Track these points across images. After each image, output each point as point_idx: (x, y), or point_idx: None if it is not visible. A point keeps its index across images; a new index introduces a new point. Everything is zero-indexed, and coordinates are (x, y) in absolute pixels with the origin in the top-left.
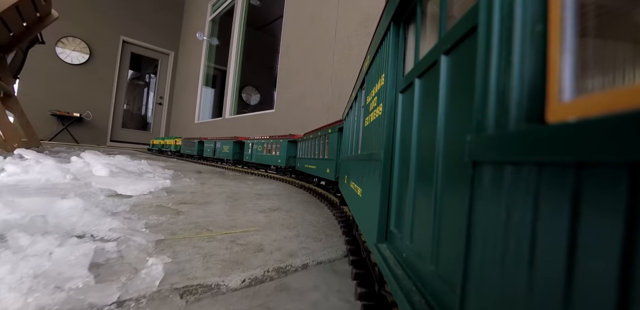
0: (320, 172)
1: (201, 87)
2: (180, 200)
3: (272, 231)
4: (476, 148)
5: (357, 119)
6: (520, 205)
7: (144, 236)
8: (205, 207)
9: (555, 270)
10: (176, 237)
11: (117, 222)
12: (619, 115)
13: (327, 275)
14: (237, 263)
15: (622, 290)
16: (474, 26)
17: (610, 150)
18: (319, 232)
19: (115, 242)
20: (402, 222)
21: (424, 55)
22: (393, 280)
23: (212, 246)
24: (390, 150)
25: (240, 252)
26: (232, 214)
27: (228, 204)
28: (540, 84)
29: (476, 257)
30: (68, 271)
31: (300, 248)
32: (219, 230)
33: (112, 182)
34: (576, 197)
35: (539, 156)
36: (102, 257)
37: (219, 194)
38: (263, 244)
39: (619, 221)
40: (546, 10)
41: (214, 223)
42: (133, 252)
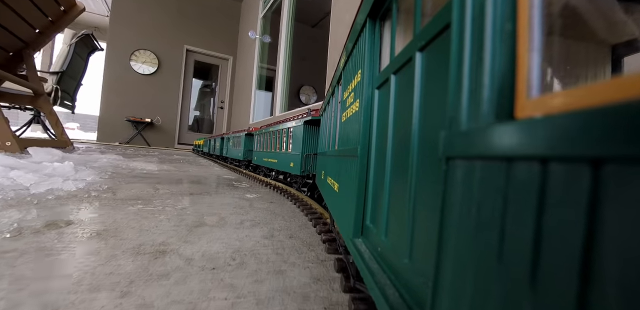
0: (282, 166)
1: (255, 87)
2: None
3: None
4: (449, 144)
5: (334, 114)
6: (490, 200)
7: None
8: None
9: (523, 262)
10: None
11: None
12: (581, 112)
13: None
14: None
15: (582, 279)
16: (447, 24)
17: (573, 146)
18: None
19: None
20: (377, 217)
21: (400, 51)
22: (368, 274)
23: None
24: (367, 146)
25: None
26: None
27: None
28: (510, 81)
29: (449, 250)
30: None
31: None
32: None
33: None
34: (542, 191)
35: (508, 151)
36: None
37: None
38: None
39: (580, 214)
40: (515, 10)
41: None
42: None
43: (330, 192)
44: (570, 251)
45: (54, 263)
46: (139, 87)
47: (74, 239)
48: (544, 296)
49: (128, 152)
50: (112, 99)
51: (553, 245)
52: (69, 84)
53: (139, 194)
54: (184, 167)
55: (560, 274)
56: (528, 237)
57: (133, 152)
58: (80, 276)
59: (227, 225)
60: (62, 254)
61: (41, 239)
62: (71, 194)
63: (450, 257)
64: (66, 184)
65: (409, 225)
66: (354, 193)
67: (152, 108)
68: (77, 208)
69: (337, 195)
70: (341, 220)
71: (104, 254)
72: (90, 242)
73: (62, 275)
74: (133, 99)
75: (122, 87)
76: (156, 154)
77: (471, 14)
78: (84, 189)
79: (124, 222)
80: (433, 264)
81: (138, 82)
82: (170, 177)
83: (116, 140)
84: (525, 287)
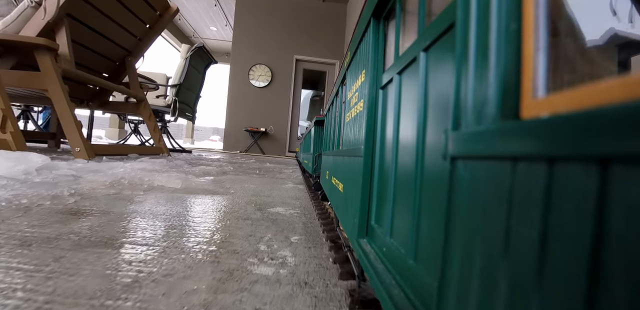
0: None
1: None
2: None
3: None
4: (454, 144)
5: (338, 114)
6: (496, 200)
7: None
8: None
9: (529, 262)
10: None
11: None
12: (588, 111)
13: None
14: None
15: (590, 280)
16: (452, 23)
17: (580, 145)
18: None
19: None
20: (382, 217)
21: (404, 51)
22: (373, 274)
23: None
24: (371, 146)
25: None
26: None
27: None
28: (515, 81)
29: (454, 251)
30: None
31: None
32: None
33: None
34: (549, 190)
35: (514, 151)
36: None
37: None
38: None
39: (588, 214)
40: (520, 9)
41: None
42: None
43: (335, 192)
44: (578, 251)
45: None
46: (255, 99)
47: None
48: (551, 297)
49: (214, 164)
50: (235, 111)
51: (560, 246)
52: (187, 95)
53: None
54: (240, 184)
55: (568, 275)
56: (535, 238)
57: (225, 160)
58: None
59: None
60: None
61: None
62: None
63: (456, 258)
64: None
65: (413, 225)
66: (359, 193)
67: (266, 118)
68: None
69: (342, 195)
70: (346, 220)
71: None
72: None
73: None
74: (250, 110)
75: (242, 101)
76: (244, 162)
77: (476, 13)
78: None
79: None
80: (439, 265)
81: (254, 95)
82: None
83: (237, 149)
84: (532, 288)
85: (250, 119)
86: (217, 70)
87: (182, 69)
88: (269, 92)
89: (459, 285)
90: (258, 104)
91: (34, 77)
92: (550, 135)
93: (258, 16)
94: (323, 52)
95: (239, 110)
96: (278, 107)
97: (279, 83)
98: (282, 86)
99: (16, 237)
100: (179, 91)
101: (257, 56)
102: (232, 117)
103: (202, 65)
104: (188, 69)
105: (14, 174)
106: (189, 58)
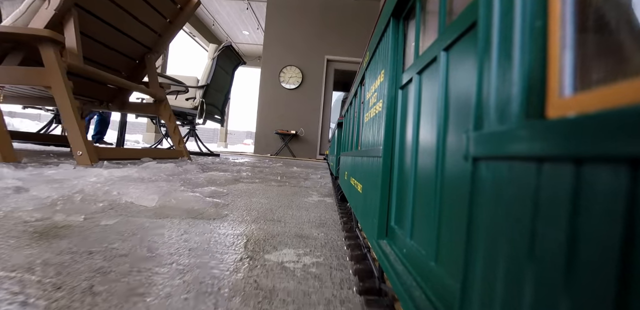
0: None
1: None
2: None
3: None
4: (476, 144)
5: (356, 115)
6: (520, 201)
7: None
8: None
9: (556, 265)
10: None
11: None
12: (618, 110)
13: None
14: None
15: (621, 285)
16: (474, 22)
17: (610, 145)
18: None
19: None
20: (402, 218)
21: (424, 51)
22: (394, 275)
23: None
24: (390, 146)
25: None
26: None
27: None
28: (540, 79)
29: (477, 252)
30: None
31: None
32: None
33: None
34: (576, 192)
35: (539, 152)
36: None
37: None
38: None
39: (618, 216)
40: (546, 6)
41: None
42: None
43: (354, 193)
44: (607, 254)
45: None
46: (285, 101)
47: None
48: (579, 301)
49: (233, 168)
50: (266, 114)
51: (589, 249)
52: (215, 97)
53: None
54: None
55: (597, 279)
56: (562, 240)
57: (249, 164)
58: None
59: None
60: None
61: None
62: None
63: (479, 260)
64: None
65: (434, 226)
66: (378, 194)
67: (297, 120)
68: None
69: (361, 196)
70: (365, 221)
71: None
72: None
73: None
74: (281, 113)
75: (273, 103)
76: (269, 165)
77: (499, 11)
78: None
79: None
80: (461, 266)
81: (285, 97)
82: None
83: (268, 152)
84: (559, 292)
85: (280, 122)
86: (250, 74)
87: (210, 70)
88: (299, 94)
89: (483, 287)
90: (288, 106)
91: (37, 73)
92: (578, 135)
93: (288, 17)
94: (354, 51)
95: (269, 113)
96: (309, 109)
97: (310, 84)
98: (313, 87)
99: None
100: (206, 93)
101: (288, 57)
102: (263, 120)
103: (230, 66)
104: (215, 69)
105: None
106: (216, 58)
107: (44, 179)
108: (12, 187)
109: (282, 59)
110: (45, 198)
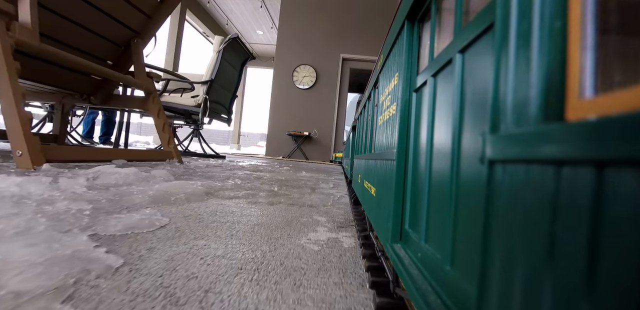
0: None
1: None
2: None
3: None
4: (492, 147)
5: (370, 118)
6: (538, 204)
7: None
8: None
9: (576, 271)
10: None
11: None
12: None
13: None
14: None
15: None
16: (491, 23)
17: (632, 148)
18: None
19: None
20: (416, 222)
21: (439, 53)
22: (408, 279)
23: None
24: (405, 149)
25: None
26: None
27: None
28: (559, 81)
29: (493, 257)
30: None
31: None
32: None
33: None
34: (597, 196)
35: (558, 155)
36: None
37: None
38: None
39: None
40: (566, 6)
41: None
42: None
43: (367, 196)
44: (629, 259)
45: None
46: (298, 101)
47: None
48: (600, 307)
49: (224, 174)
50: (278, 115)
51: (610, 253)
52: (220, 94)
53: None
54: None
55: (619, 284)
56: (582, 245)
57: (251, 168)
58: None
59: None
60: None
61: None
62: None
63: (496, 264)
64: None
65: (449, 230)
66: (392, 197)
67: (310, 121)
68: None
69: (374, 199)
70: (379, 224)
71: None
72: None
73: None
74: (294, 113)
75: (285, 103)
76: (274, 169)
77: (517, 12)
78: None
79: None
80: (477, 271)
81: (298, 97)
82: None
83: (280, 154)
84: (579, 298)
85: (293, 123)
86: (264, 75)
87: (214, 64)
88: (313, 94)
89: (499, 292)
90: (302, 106)
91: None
92: (599, 137)
93: (303, 13)
94: (371, 49)
95: (281, 114)
96: (323, 110)
97: (324, 84)
98: (327, 87)
99: None
100: (210, 89)
101: (302, 56)
102: (275, 121)
103: (237, 61)
104: (221, 63)
105: None
106: (221, 51)
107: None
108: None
109: (296, 58)
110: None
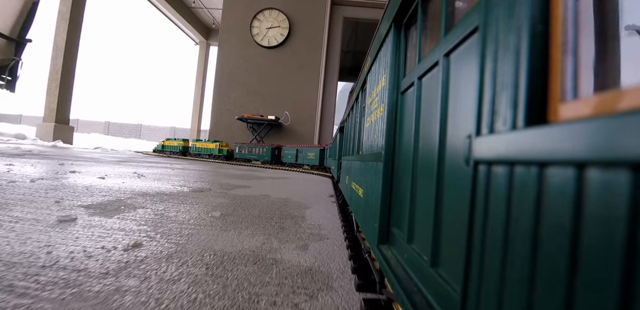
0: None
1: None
2: None
3: None
4: (477, 149)
5: (357, 120)
6: (521, 205)
7: None
8: None
9: (557, 271)
10: None
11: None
12: (620, 115)
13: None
14: None
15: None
16: (475, 28)
17: (612, 150)
18: None
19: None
20: (403, 223)
21: (425, 56)
22: (395, 281)
23: None
24: (392, 151)
25: None
26: None
27: None
28: (542, 84)
29: (477, 257)
30: None
31: None
32: None
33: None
34: (578, 197)
35: (541, 156)
36: None
37: None
38: None
39: (620, 221)
40: (548, 11)
41: None
42: None
43: (355, 198)
44: (611, 260)
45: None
46: (261, 68)
47: None
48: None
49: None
50: (225, 90)
51: (591, 253)
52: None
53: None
54: None
55: (599, 285)
56: (564, 245)
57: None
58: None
59: None
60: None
61: None
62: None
63: (479, 265)
64: None
65: (435, 231)
66: (379, 198)
67: (280, 101)
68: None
69: (362, 201)
70: (366, 226)
71: None
72: None
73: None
74: (252, 88)
75: (239, 72)
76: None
77: (501, 17)
78: None
79: None
80: (461, 272)
81: (260, 61)
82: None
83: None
84: (560, 296)
85: (252, 104)
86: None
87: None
88: (284, 57)
89: (483, 292)
90: (265, 75)
91: None
92: (580, 139)
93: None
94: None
95: (232, 89)
96: (300, 83)
97: (302, 41)
98: (307, 46)
99: None
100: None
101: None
102: (220, 100)
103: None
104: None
105: None
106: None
107: None
108: None
109: (256, 1)
110: None
